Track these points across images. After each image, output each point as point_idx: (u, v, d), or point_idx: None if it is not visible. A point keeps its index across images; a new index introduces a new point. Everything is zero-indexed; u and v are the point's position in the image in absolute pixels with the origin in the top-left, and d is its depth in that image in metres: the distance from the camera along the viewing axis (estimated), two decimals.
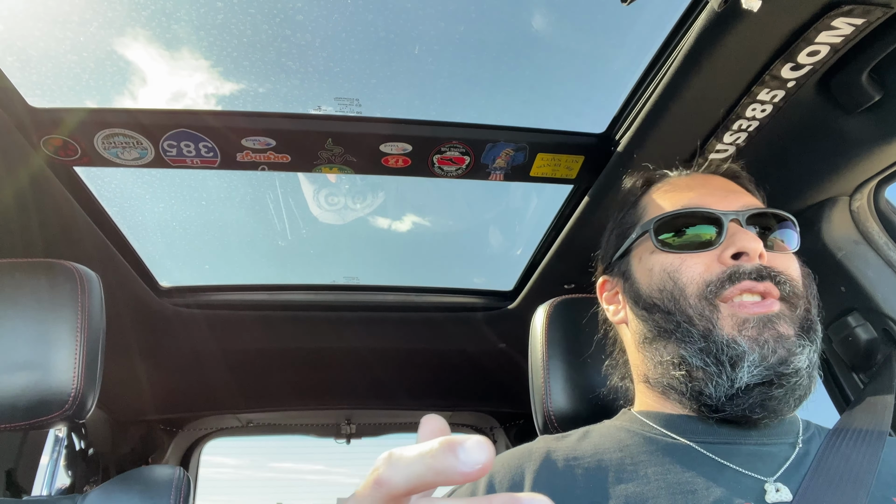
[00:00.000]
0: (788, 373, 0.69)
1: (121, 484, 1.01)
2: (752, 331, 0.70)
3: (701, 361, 0.72)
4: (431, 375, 2.41)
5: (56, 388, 0.92)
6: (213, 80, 1.34)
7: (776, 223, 0.82)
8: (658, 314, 0.78)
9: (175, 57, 1.31)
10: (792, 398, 0.71)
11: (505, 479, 0.75)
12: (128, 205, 1.50)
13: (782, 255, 0.79)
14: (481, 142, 1.25)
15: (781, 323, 0.71)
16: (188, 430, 2.78)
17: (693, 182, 0.88)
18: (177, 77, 1.34)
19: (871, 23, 0.82)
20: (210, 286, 1.91)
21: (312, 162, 1.27)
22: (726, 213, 0.78)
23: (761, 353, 0.69)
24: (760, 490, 0.66)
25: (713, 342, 0.72)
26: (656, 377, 0.80)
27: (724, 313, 0.73)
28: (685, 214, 0.80)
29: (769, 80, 0.94)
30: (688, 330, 0.74)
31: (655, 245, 0.81)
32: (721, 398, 0.71)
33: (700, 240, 0.78)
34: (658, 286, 0.79)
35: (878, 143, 1.02)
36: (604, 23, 1.42)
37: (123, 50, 1.28)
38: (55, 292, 0.96)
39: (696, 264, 0.76)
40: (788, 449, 0.72)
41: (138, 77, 1.33)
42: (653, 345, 0.80)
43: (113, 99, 1.36)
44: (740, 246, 0.75)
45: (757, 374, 0.69)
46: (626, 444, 0.76)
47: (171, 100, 1.39)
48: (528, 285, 1.83)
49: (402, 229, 2.01)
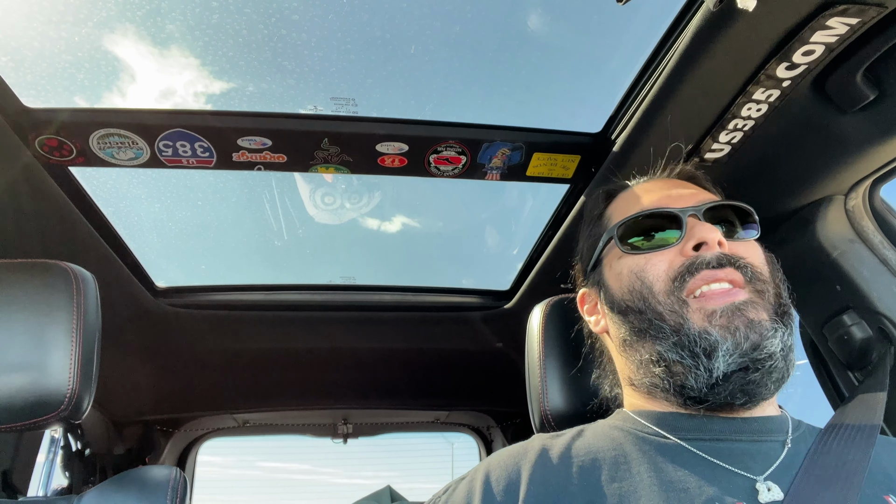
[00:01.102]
0: (763, 357, 0.71)
1: (117, 484, 1.01)
2: (722, 319, 0.72)
3: (677, 355, 0.74)
4: (428, 375, 2.42)
5: (51, 389, 0.92)
6: (209, 80, 1.34)
7: (735, 216, 0.84)
8: (631, 315, 0.80)
9: (170, 57, 1.31)
10: (769, 381, 0.72)
11: (501, 477, 0.75)
12: (123, 205, 1.50)
13: (744, 243, 0.81)
14: (478, 141, 1.25)
15: (750, 309, 0.73)
16: (185, 430, 2.77)
17: (651, 187, 0.91)
18: (172, 77, 1.34)
19: (866, 22, 0.82)
20: (206, 286, 1.90)
21: (309, 162, 1.27)
22: (684, 210, 0.81)
23: (734, 341, 0.70)
24: (752, 489, 0.67)
25: (685, 335, 0.73)
26: (639, 378, 0.81)
27: (693, 307, 0.74)
28: (646, 216, 0.83)
29: (764, 80, 0.94)
30: (660, 326, 0.76)
31: (621, 249, 0.83)
32: (703, 388, 0.73)
33: (662, 239, 0.81)
34: (628, 288, 0.81)
35: (873, 143, 1.02)
36: (599, 22, 1.42)
37: (119, 50, 1.28)
38: (50, 293, 0.96)
39: (661, 262, 0.79)
40: (779, 447, 0.73)
41: (133, 77, 1.33)
42: (632, 346, 0.81)
43: (108, 99, 1.36)
44: (698, 237, 0.77)
45: (732, 361, 0.70)
46: (620, 443, 0.77)
47: (167, 100, 1.39)
48: (525, 285, 1.83)
49: (398, 229, 2.01)
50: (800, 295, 1.20)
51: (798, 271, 1.20)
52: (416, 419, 2.95)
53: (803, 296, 1.20)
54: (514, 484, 0.74)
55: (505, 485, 0.74)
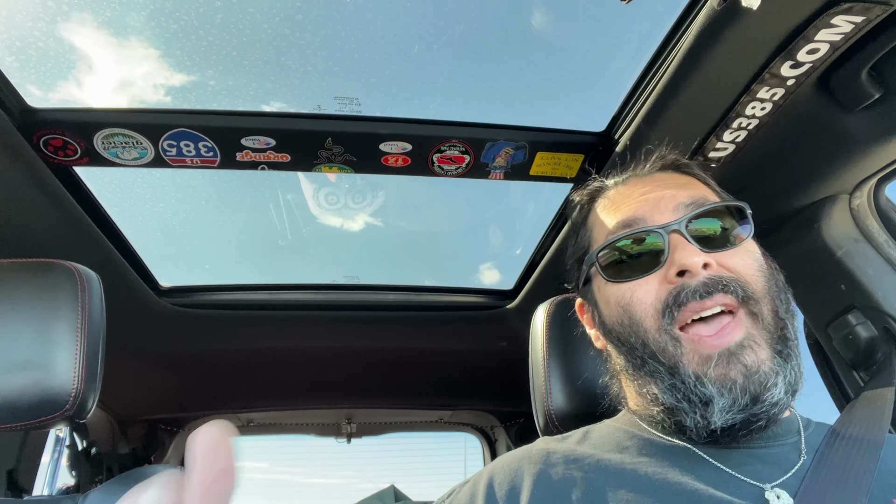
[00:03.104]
0: (765, 409, 0.67)
1: (121, 484, 1.01)
2: (717, 369, 0.67)
3: (673, 398, 0.70)
4: (432, 374, 2.42)
5: (56, 389, 0.92)
6: (213, 80, 1.34)
7: (726, 214, 0.78)
8: (625, 348, 0.77)
9: (174, 57, 1.31)
10: (774, 418, 0.69)
11: (504, 481, 0.75)
12: (128, 205, 1.50)
13: (734, 252, 0.74)
14: (481, 141, 1.25)
15: (747, 352, 0.68)
16: (189, 429, 2.77)
17: (630, 191, 0.85)
18: (176, 77, 1.34)
19: (871, 20, 0.82)
20: (210, 286, 1.91)
21: (312, 161, 1.27)
22: (665, 226, 0.74)
23: (731, 397, 0.66)
24: (760, 495, 0.66)
25: (680, 380, 0.69)
26: (638, 409, 0.80)
27: (687, 347, 0.70)
28: (624, 238, 0.78)
29: (769, 78, 0.94)
30: (655, 367, 0.72)
31: (604, 278, 0.79)
32: (702, 433, 0.70)
33: (644, 264, 0.75)
34: (618, 320, 0.77)
35: (877, 141, 1.02)
36: (603, 21, 1.42)
37: (122, 50, 1.28)
38: (55, 292, 0.96)
39: (647, 293, 0.74)
40: (789, 450, 0.72)
41: (137, 77, 1.33)
42: (632, 377, 0.78)
43: (112, 99, 1.37)
44: (679, 264, 0.71)
45: (731, 417, 0.67)
46: (626, 446, 0.76)
47: (171, 99, 1.40)
48: (528, 284, 1.83)
49: (401, 228, 2.01)
50: (804, 294, 1.20)
51: (802, 270, 1.20)
52: (420, 419, 2.95)
53: (808, 295, 1.20)
54: (517, 488, 0.73)
55: (508, 489, 0.74)
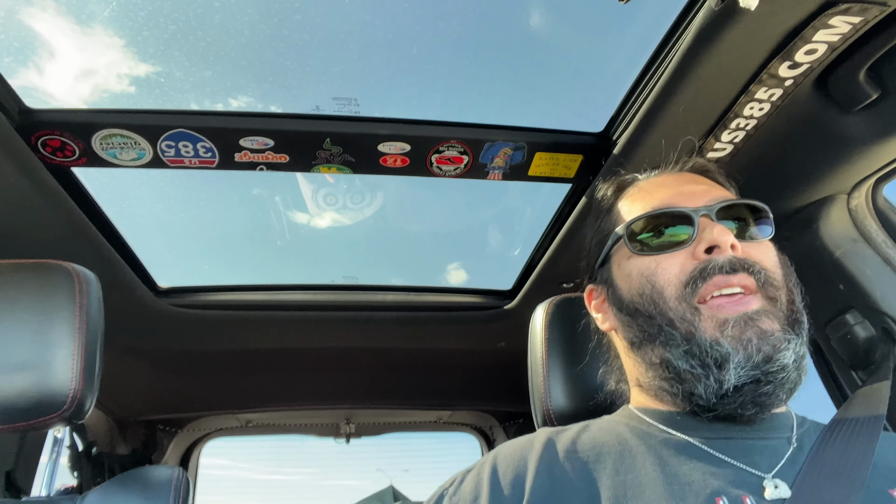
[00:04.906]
0: (775, 370, 0.69)
1: (120, 484, 1.01)
2: (734, 330, 0.70)
3: (687, 364, 0.72)
4: (431, 374, 2.42)
5: (54, 389, 0.92)
6: (212, 81, 1.34)
7: (749, 213, 0.81)
8: (641, 319, 0.78)
9: (172, 57, 1.31)
10: (782, 391, 0.71)
11: (508, 470, 0.76)
12: (126, 205, 1.50)
13: (757, 244, 0.78)
14: (480, 141, 1.25)
15: (763, 319, 0.71)
16: (188, 430, 2.77)
17: (662, 182, 0.88)
18: (174, 77, 1.34)
19: (869, 21, 0.82)
20: (208, 286, 1.91)
21: (311, 162, 1.27)
22: (696, 210, 0.78)
23: (746, 354, 0.69)
24: (759, 485, 0.67)
25: (696, 345, 0.71)
26: (647, 381, 0.80)
27: (705, 315, 0.72)
28: (656, 215, 0.80)
29: (767, 79, 0.94)
30: (671, 333, 0.74)
31: (630, 249, 0.81)
32: (712, 398, 0.71)
33: (673, 239, 0.78)
34: (638, 291, 0.79)
35: (875, 141, 1.02)
36: (602, 22, 1.42)
37: (121, 51, 1.28)
38: (53, 293, 0.96)
39: (672, 265, 0.76)
40: (785, 444, 0.73)
41: (136, 78, 1.33)
42: (641, 349, 0.80)
43: (111, 100, 1.36)
44: (710, 239, 0.75)
45: (744, 374, 0.69)
46: (625, 438, 0.77)
47: (169, 100, 1.39)
48: (527, 284, 1.83)
49: (400, 229, 2.01)
50: (802, 294, 1.20)
51: (801, 271, 1.19)
52: (419, 419, 2.96)
53: (806, 295, 1.20)
54: (521, 476, 0.74)
55: (512, 477, 0.74)
